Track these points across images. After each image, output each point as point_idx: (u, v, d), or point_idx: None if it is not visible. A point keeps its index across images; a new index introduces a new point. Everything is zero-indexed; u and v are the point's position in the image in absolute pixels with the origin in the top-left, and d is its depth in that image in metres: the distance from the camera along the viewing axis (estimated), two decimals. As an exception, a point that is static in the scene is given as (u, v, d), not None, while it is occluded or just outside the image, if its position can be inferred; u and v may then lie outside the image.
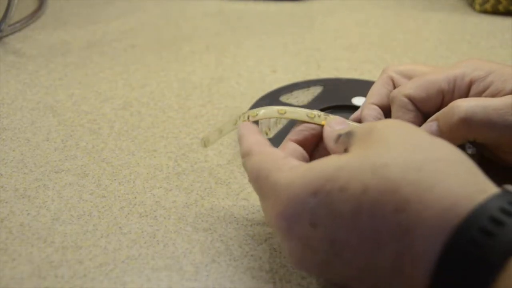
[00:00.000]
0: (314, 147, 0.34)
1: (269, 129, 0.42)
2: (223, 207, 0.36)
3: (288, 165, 0.27)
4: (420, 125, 0.34)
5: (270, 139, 0.40)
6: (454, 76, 0.34)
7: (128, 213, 0.35)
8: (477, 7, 0.68)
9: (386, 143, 0.25)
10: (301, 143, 0.33)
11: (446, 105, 0.33)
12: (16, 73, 0.54)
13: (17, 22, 0.62)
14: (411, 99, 0.35)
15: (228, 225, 0.34)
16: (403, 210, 0.23)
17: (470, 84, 0.34)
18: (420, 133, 0.26)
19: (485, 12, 0.68)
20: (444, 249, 0.22)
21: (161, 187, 0.38)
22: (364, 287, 0.25)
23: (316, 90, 0.47)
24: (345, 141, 0.29)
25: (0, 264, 0.31)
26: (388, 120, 0.28)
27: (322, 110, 0.44)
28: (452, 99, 0.34)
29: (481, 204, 0.23)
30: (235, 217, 0.35)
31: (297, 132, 0.33)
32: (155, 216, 0.35)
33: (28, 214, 0.35)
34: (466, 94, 0.34)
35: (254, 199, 0.37)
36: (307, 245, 0.25)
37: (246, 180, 0.38)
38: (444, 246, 0.22)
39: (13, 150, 0.42)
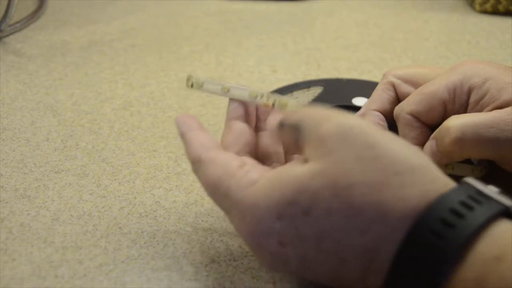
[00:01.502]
0: (257, 119, 0.34)
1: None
2: (223, 207, 0.36)
3: (247, 180, 0.27)
4: (427, 139, 0.34)
5: None
6: (453, 85, 0.34)
7: (128, 213, 0.35)
8: (477, 7, 0.68)
9: (342, 157, 0.25)
10: (244, 118, 0.33)
11: (449, 114, 0.33)
12: (16, 73, 0.54)
13: (17, 22, 0.62)
14: (415, 115, 0.34)
15: (228, 225, 0.34)
16: (367, 231, 0.24)
17: (469, 92, 0.34)
18: (372, 140, 0.25)
19: (485, 12, 0.68)
20: (400, 247, 0.23)
21: (161, 187, 0.38)
22: (335, 286, 0.26)
23: (316, 90, 0.47)
24: (293, 135, 0.28)
25: (0, 264, 0.31)
26: (337, 124, 0.26)
27: None
28: (453, 108, 0.34)
29: (434, 203, 0.23)
30: (235, 217, 0.35)
31: (236, 109, 0.33)
32: (155, 216, 0.35)
33: (28, 214, 0.35)
34: (466, 102, 0.34)
35: (254, 199, 0.37)
36: (278, 259, 0.26)
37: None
38: (400, 243, 0.23)
39: (13, 150, 0.42)
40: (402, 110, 0.35)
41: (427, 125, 0.35)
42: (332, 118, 0.26)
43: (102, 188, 0.38)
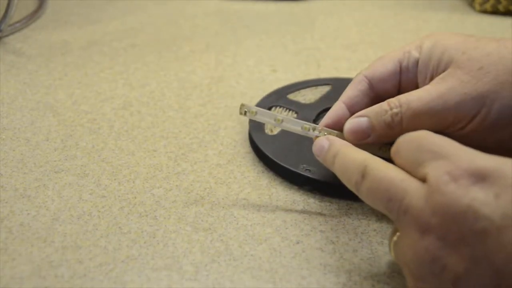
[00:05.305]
0: None
1: (274, 127, 0.42)
2: (223, 207, 0.36)
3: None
4: (366, 104, 0.35)
5: (273, 136, 0.41)
6: (408, 47, 0.35)
7: (128, 213, 0.35)
8: (477, 7, 0.68)
9: None
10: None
11: (403, 84, 0.35)
12: (16, 73, 0.54)
13: (17, 22, 0.62)
14: (368, 77, 0.35)
15: (228, 225, 0.34)
16: None
17: (420, 51, 0.35)
18: None
19: (485, 12, 0.68)
20: None
21: (161, 187, 0.38)
22: None
23: (324, 89, 0.47)
24: None
25: (0, 264, 0.31)
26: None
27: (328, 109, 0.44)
28: (408, 76, 0.35)
29: None
30: (235, 217, 0.35)
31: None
32: (155, 216, 0.35)
33: (28, 214, 0.35)
34: (417, 61, 0.35)
35: (254, 199, 0.37)
36: (474, 207, 0.23)
37: (246, 180, 0.38)
38: None
39: (13, 150, 0.42)
40: (361, 72, 0.36)
41: (375, 92, 0.36)
42: None
43: (102, 188, 0.38)
